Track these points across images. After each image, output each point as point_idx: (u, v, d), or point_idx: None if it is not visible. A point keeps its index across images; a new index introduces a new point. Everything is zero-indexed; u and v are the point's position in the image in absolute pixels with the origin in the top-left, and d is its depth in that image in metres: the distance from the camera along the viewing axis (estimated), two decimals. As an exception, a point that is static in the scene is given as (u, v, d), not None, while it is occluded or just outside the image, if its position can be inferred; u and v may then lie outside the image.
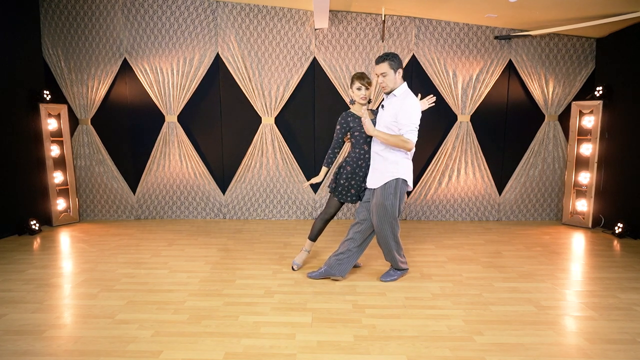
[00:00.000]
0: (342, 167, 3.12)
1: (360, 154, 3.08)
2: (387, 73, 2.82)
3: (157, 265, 3.47)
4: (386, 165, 2.89)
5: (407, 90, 2.88)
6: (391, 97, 2.90)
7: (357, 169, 3.09)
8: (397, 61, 2.82)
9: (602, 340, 2.27)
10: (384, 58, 2.82)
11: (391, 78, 2.83)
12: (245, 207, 5.19)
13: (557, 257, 3.72)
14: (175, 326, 2.41)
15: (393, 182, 2.86)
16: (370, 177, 3.02)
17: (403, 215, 5.18)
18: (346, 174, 3.09)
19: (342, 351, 2.16)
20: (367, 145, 3.07)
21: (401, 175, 2.87)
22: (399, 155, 2.87)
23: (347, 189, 3.12)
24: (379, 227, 2.94)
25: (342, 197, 3.14)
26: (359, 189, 3.13)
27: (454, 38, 4.83)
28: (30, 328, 2.39)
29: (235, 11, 4.79)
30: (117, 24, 4.80)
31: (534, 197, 5.16)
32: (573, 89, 4.93)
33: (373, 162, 3.00)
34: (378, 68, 2.84)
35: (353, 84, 3.02)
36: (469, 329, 2.38)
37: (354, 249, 3.03)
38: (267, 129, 4.98)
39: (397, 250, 3.05)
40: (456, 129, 4.99)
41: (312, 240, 3.33)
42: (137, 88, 4.95)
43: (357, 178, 3.10)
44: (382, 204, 2.87)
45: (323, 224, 3.25)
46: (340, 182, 3.11)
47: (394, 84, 2.85)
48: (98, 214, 5.15)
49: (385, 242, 3.00)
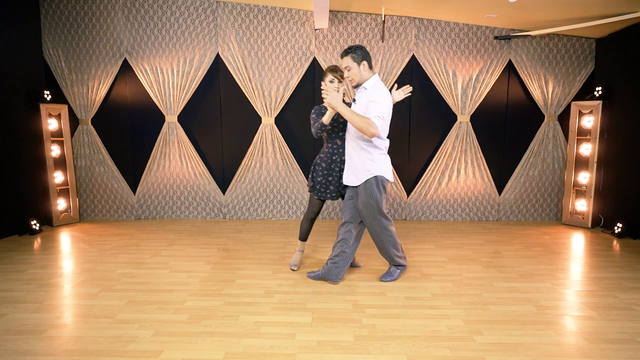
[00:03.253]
0: (317, 164, 3.10)
1: (334, 149, 3.05)
2: (351, 66, 2.77)
3: (157, 265, 3.48)
4: (363, 163, 2.86)
5: (377, 82, 2.83)
6: (361, 89, 2.86)
7: (333, 164, 3.05)
8: (361, 53, 2.75)
9: (602, 340, 2.28)
10: (346, 52, 2.77)
11: (355, 71, 2.78)
12: (245, 207, 5.19)
13: (556, 257, 3.73)
14: (175, 326, 2.41)
15: (373, 180, 2.84)
16: (346, 173, 2.99)
17: (403, 215, 5.18)
18: (322, 170, 3.06)
19: (342, 351, 2.16)
20: (340, 140, 3.04)
21: (379, 173, 2.84)
22: (374, 152, 2.84)
23: (326, 186, 3.08)
24: (369, 225, 2.95)
25: (322, 195, 3.10)
26: (338, 185, 3.08)
27: (454, 38, 4.84)
28: (30, 328, 2.39)
29: (235, 11, 4.79)
30: (118, 24, 4.81)
31: (534, 197, 5.16)
32: (573, 89, 4.94)
33: (348, 158, 2.96)
34: (342, 62, 2.79)
35: (326, 76, 2.96)
36: (468, 329, 2.39)
37: (347, 249, 3.02)
38: (267, 129, 4.99)
39: (393, 245, 3.02)
40: (456, 129, 4.99)
41: (303, 241, 3.33)
42: (137, 88, 4.95)
43: (334, 174, 3.06)
44: (367, 202, 2.87)
45: (309, 224, 3.25)
46: (318, 180, 3.08)
47: (360, 77, 2.80)
48: (98, 214, 5.15)
49: (377, 238, 2.99)
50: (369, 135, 2.65)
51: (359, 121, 2.61)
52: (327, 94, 2.67)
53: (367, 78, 2.82)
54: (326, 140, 3.10)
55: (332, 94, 2.65)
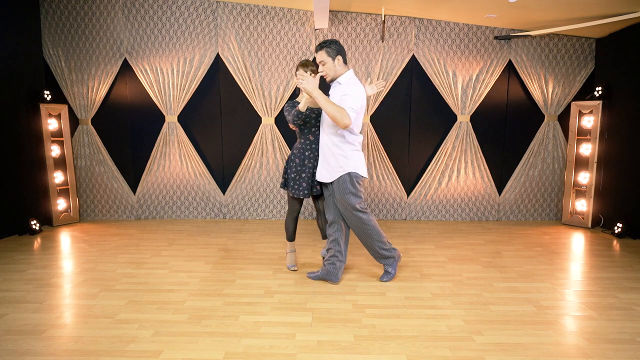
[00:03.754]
0: (291, 159, 3.08)
1: (306, 144, 3.04)
2: (325, 61, 2.77)
3: (157, 265, 3.48)
4: (336, 159, 2.85)
5: (352, 77, 2.82)
6: (336, 84, 2.86)
7: (306, 160, 3.03)
8: (335, 47, 2.75)
9: (602, 340, 2.28)
10: (321, 46, 2.75)
11: (330, 66, 2.77)
12: (245, 207, 5.19)
13: (556, 257, 3.73)
14: (175, 326, 2.41)
15: (346, 177, 2.83)
16: (319, 169, 2.98)
17: (403, 215, 5.18)
18: (295, 166, 3.05)
19: (342, 351, 2.16)
20: (313, 136, 3.03)
21: (352, 169, 2.83)
22: (347, 148, 2.83)
23: (299, 183, 3.04)
24: (349, 221, 2.95)
25: (295, 192, 3.06)
26: (310, 182, 3.04)
27: (454, 38, 4.84)
28: (30, 328, 2.39)
29: (235, 11, 4.79)
30: (118, 24, 4.81)
31: (534, 197, 5.16)
32: (573, 89, 4.94)
33: (321, 154, 2.95)
34: (317, 57, 2.78)
35: (297, 71, 2.95)
36: (468, 329, 2.39)
37: (340, 249, 3.02)
38: (267, 129, 4.99)
39: (377, 237, 2.98)
40: (456, 129, 4.99)
41: (290, 241, 3.33)
42: (137, 88, 4.95)
43: (307, 170, 3.03)
44: (342, 199, 2.88)
45: (293, 222, 3.26)
46: (291, 176, 3.06)
47: (335, 72, 2.80)
48: (98, 214, 5.15)
49: (359, 232, 2.98)
50: (341, 126, 2.64)
51: (332, 110, 2.60)
52: (302, 79, 2.65)
53: (341, 73, 2.81)
54: (299, 135, 3.08)
55: (308, 79, 2.64)
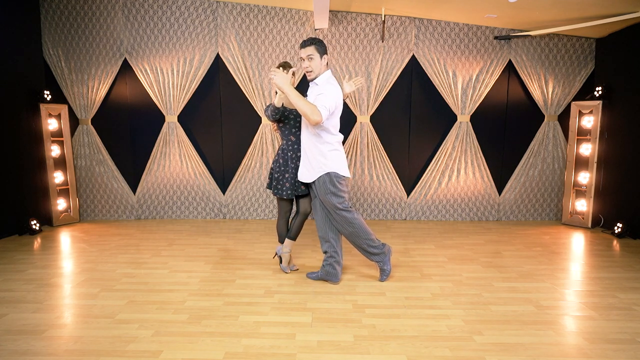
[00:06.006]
0: (275, 160, 3.11)
1: (288, 145, 3.05)
2: (314, 56, 2.76)
3: (157, 265, 3.47)
4: (316, 160, 2.86)
5: (330, 77, 2.82)
6: (313, 85, 2.87)
7: (289, 161, 3.05)
8: (323, 46, 2.78)
9: (602, 340, 2.28)
10: (311, 41, 2.76)
11: (317, 62, 2.78)
12: (245, 207, 5.19)
13: (556, 257, 3.73)
14: (175, 326, 2.41)
15: (326, 177, 2.84)
16: (300, 169, 2.99)
17: (403, 215, 5.18)
18: (278, 167, 3.07)
19: (342, 351, 2.16)
20: (294, 136, 3.04)
21: (332, 169, 2.83)
22: (325, 148, 2.83)
23: (282, 183, 3.06)
24: (334, 220, 2.96)
25: (278, 192, 3.07)
26: (293, 182, 3.05)
27: (454, 38, 4.83)
28: (30, 328, 2.39)
29: (235, 11, 4.79)
30: (118, 24, 4.81)
31: (534, 197, 5.16)
32: (573, 89, 4.94)
33: (303, 154, 2.96)
34: (304, 51, 2.77)
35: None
36: (468, 329, 2.39)
37: (335, 249, 3.02)
38: (267, 129, 4.99)
39: (365, 235, 2.96)
40: (456, 129, 4.99)
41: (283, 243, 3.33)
42: (137, 88, 4.95)
43: (290, 171, 3.04)
44: (324, 199, 2.89)
45: (285, 223, 3.25)
46: (275, 177, 3.09)
47: (319, 70, 2.80)
48: (98, 214, 5.15)
49: (345, 231, 2.96)
50: (312, 123, 2.64)
51: (303, 105, 2.59)
52: (274, 74, 2.63)
53: (322, 72, 2.83)
54: (281, 137, 3.11)
55: (280, 74, 2.61)
